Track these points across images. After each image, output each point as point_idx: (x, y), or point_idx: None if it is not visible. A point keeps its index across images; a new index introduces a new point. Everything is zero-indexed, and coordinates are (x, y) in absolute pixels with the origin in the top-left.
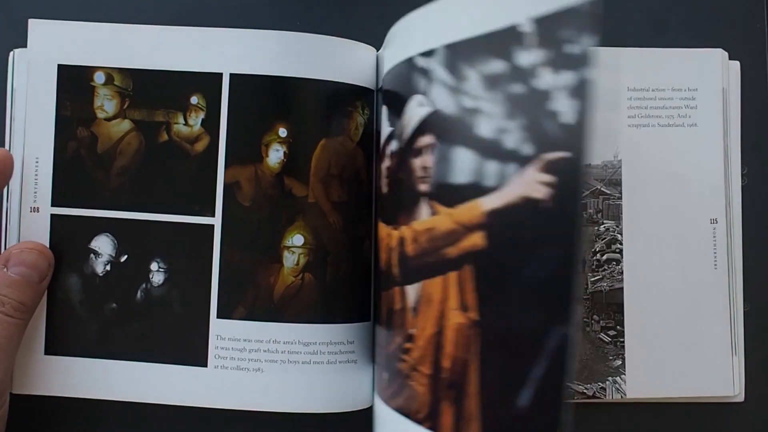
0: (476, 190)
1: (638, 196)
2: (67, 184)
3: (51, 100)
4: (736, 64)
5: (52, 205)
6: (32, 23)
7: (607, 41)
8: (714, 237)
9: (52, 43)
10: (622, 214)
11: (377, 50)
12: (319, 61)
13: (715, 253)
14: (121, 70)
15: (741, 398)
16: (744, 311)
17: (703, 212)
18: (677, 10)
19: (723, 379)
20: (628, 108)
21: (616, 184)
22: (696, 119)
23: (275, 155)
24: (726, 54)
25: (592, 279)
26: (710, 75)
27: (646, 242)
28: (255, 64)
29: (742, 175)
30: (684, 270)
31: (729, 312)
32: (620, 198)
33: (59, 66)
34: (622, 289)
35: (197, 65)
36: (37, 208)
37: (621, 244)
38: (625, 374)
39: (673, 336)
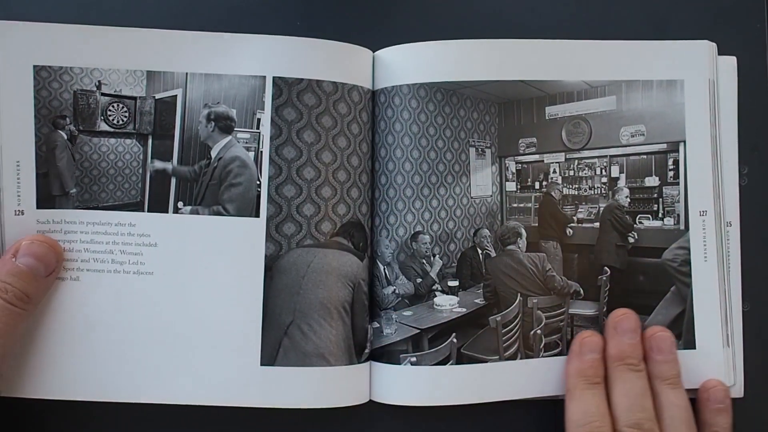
0: None
1: None
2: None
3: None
4: (732, 59)
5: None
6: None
7: (604, 27)
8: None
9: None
10: None
11: (373, 52)
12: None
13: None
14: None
15: (740, 394)
16: (744, 311)
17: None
18: (678, 10)
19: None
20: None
21: None
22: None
23: None
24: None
25: None
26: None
27: None
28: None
29: (743, 175)
30: None
31: (720, 304)
32: None
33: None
34: None
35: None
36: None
37: None
38: None
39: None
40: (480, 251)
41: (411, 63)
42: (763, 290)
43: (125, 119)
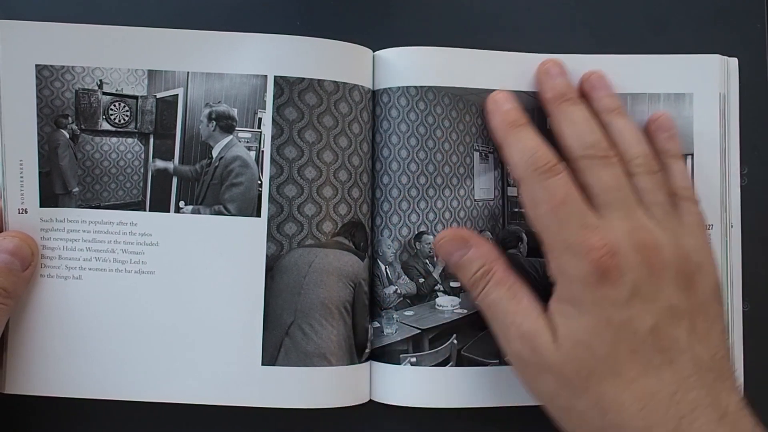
0: None
1: None
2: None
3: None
4: (734, 61)
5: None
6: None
7: (608, 41)
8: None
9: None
10: None
11: (373, 51)
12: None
13: None
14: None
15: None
16: (744, 311)
17: None
18: (677, 10)
19: None
20: None
21: None
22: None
23: None
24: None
25: None
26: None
27: None
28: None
29: (742, 175)
30: None
31: (724, 314)
32: None
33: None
34: None
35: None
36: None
37: None
38: None
39: None
40: None
41: (412, 65)
42: (763, 290)
43: (127, 118)
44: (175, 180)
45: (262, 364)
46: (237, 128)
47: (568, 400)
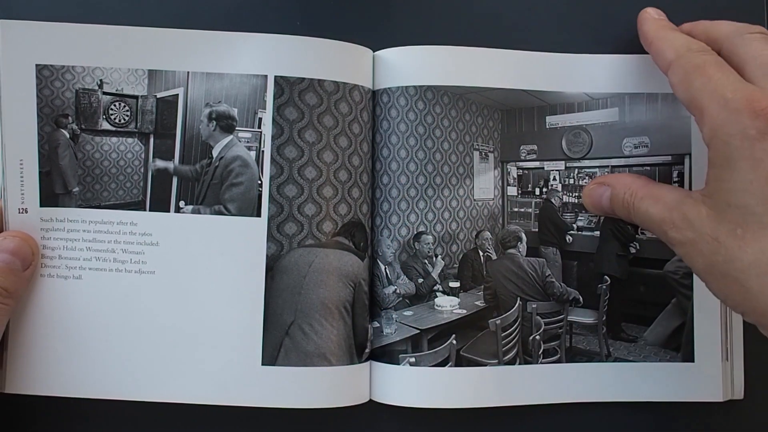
0: None
1: None
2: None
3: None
4: None
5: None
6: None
7: (607, 41)
8: None
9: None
10: None
11: (373, 51)
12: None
13: None
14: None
15: (740, 395)
16: None
17: None
18: (677, 11)
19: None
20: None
21: None
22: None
23: None
24: None
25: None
26: None
27: None
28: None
29: None
30: None
31: (720, 317)
32: None
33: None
34: None
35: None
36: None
37: None
38: None
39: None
40: (481, 253)
41: (412, 65)
42: None
43: (127, 118)
44: (175, 180)
45: (262, 364)
46: (237, 128)
47: (724, 265)
